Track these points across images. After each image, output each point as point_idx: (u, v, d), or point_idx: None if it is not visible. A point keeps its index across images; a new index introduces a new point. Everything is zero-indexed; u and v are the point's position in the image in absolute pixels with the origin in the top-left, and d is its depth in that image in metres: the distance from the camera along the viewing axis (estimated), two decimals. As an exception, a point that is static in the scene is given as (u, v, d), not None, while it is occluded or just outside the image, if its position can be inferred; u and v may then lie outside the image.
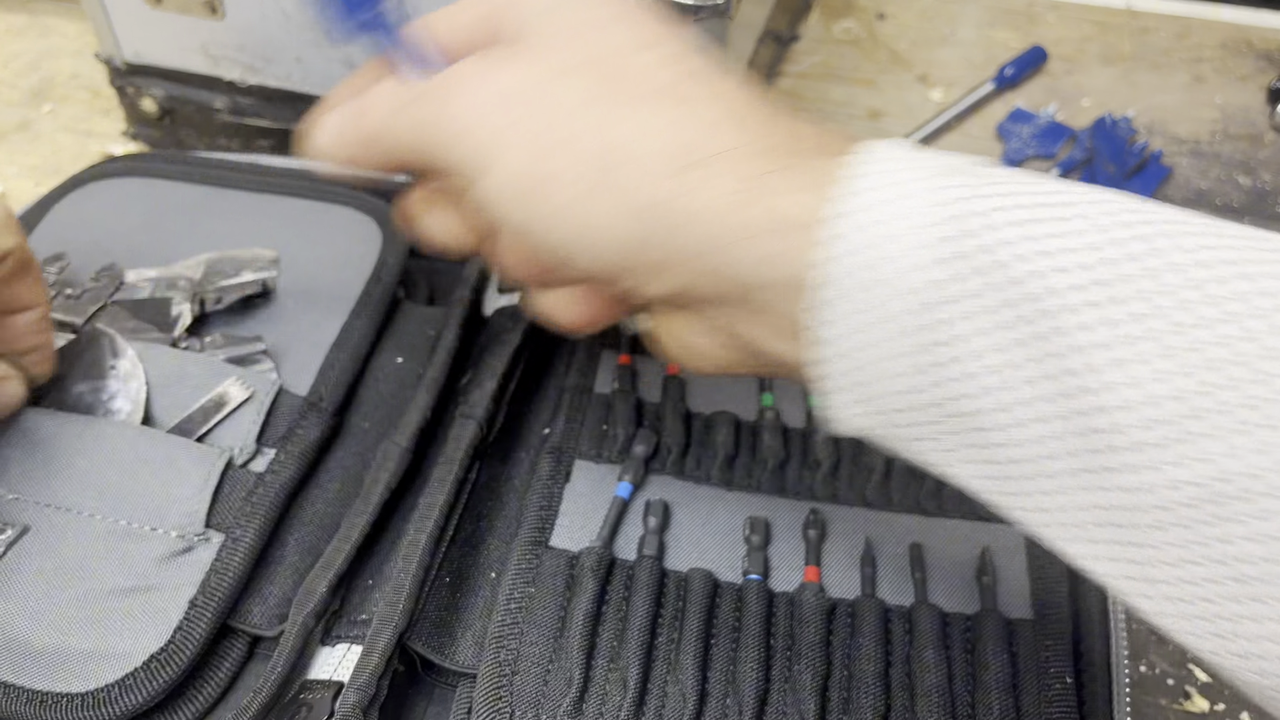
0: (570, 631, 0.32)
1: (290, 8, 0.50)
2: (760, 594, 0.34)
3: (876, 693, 0.31)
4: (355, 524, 0.35)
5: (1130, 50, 0.67)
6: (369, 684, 0.31)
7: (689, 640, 0.32)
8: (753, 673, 0.32)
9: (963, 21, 0.70)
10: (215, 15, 0.52)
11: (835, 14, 0.71)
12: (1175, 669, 0.40)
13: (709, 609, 0.33)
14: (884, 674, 0.32)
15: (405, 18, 0.31)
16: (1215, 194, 0.59)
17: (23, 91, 0.66)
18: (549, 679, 0.32)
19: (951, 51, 0.68)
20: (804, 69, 0.67)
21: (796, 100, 0.65)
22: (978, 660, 0.32)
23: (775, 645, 0.33)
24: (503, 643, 0.33)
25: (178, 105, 0.57)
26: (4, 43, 0.69)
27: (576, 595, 0.33)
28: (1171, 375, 0.21)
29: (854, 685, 0.32)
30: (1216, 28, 0.69)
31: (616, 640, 0.33)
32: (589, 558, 0.34)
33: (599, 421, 0.39)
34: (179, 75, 0.55)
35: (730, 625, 0.33)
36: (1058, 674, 0.32)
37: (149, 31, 0.54)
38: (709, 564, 0.35)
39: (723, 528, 0.36)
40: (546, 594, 0.34)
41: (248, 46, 0.53)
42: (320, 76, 0.53)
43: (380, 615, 0.33)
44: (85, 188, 0.46)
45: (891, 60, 0.67)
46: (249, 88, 0.55)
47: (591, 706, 0.31)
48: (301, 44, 0.52)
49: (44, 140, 0.63)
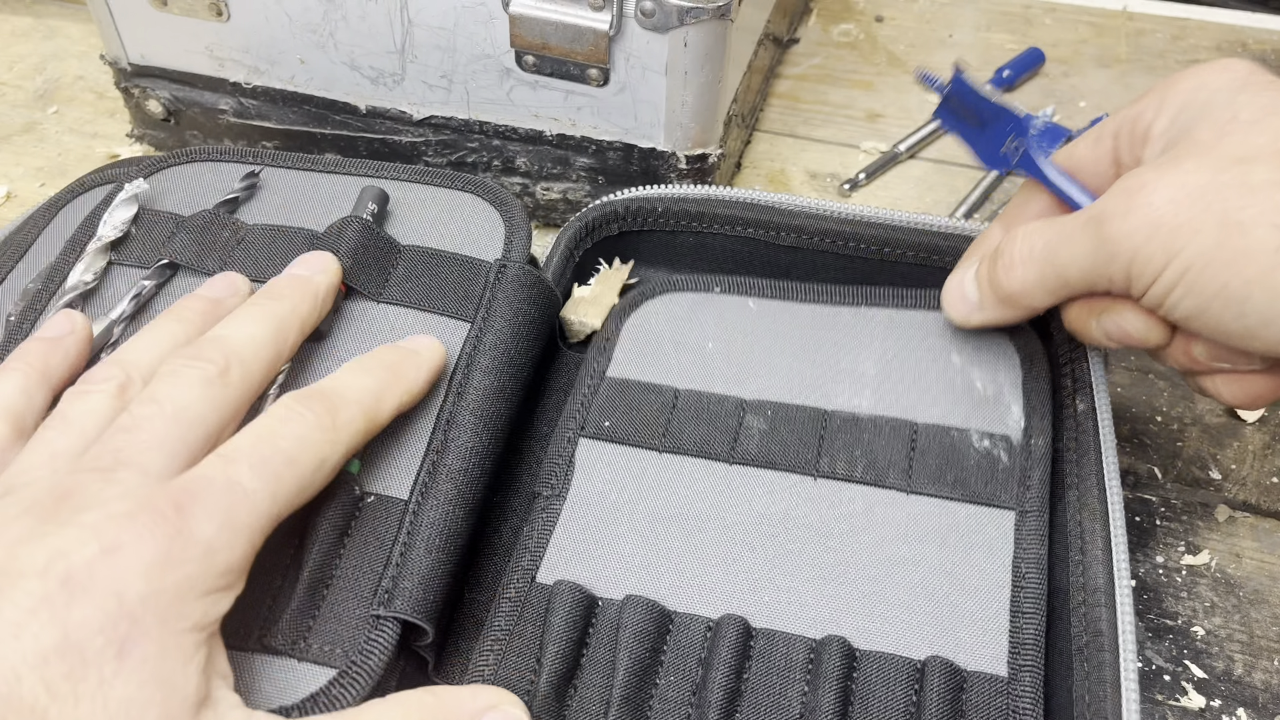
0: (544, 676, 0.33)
1: (294, 10, 0.51)
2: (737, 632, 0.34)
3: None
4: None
5: (1126, 52, 0.68)
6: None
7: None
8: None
9: (960, 24, 0.70)
10: (220, 18, 0.52)
11: (834, 17, 0.71)
12: (1171, 665, 0.41)
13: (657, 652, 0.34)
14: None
15: (1047, 151, 0.39)
16: (1211, 195, 0.60)
17: (28, 93, 0.66)
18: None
19: (949, 54, 0.68)
20: (802, 71, 0.67)
21: (796, 102, 0.65)
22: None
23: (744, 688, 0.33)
24: (480, 674, 0.34)
25: (183, 107, 0.57)
26: (9, 45, 0.70)
27: (548, 638, 0.34)
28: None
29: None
30: (1212, 29, 0.69)
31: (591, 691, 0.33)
32: (565, 596, 0.35)
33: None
34: (184, 77, 0.56)
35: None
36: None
37: (154, 34, 0.54)
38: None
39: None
40: (528, 630, 0.34)
41: (252, 49, 0.53)
42: (324, 78, 0.54)
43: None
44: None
45: (890, 63, 0.68)
46: (254, 89, 0.55)
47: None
48: (305, 46, 0.52)
49: (50, 142, 0.63)
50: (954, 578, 0.35)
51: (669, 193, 0.47)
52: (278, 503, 0.30)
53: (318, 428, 0.31)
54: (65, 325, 0.36)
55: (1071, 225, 0.34)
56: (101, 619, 0.25)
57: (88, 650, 0.25)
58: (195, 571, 0.27)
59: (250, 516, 0.29)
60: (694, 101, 0.49)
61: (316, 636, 0.32)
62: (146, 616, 0.26)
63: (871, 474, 0.37)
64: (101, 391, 0.32)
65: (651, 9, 0.46)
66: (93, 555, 0.26)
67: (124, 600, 0.26)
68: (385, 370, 0.35)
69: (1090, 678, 0.32)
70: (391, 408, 0.34)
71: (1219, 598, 0.42)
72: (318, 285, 0.37)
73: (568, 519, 0.37)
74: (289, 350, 0.35)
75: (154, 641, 0.26)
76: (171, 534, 0.27)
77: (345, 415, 0.32)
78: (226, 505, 0.28)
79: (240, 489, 0.29)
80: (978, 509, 0.37)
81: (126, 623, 0.26)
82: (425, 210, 0.44)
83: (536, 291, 0.41)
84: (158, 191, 0.45)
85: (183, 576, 0.27)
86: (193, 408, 0.31)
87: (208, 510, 0.28)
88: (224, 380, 0.32)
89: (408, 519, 0.34)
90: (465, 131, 0.54)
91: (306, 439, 0.31)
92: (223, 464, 0.29)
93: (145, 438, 0.30)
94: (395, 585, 0.33)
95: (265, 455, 0.30)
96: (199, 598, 0.27)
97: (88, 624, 0.25)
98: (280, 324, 0.35)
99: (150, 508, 0.27)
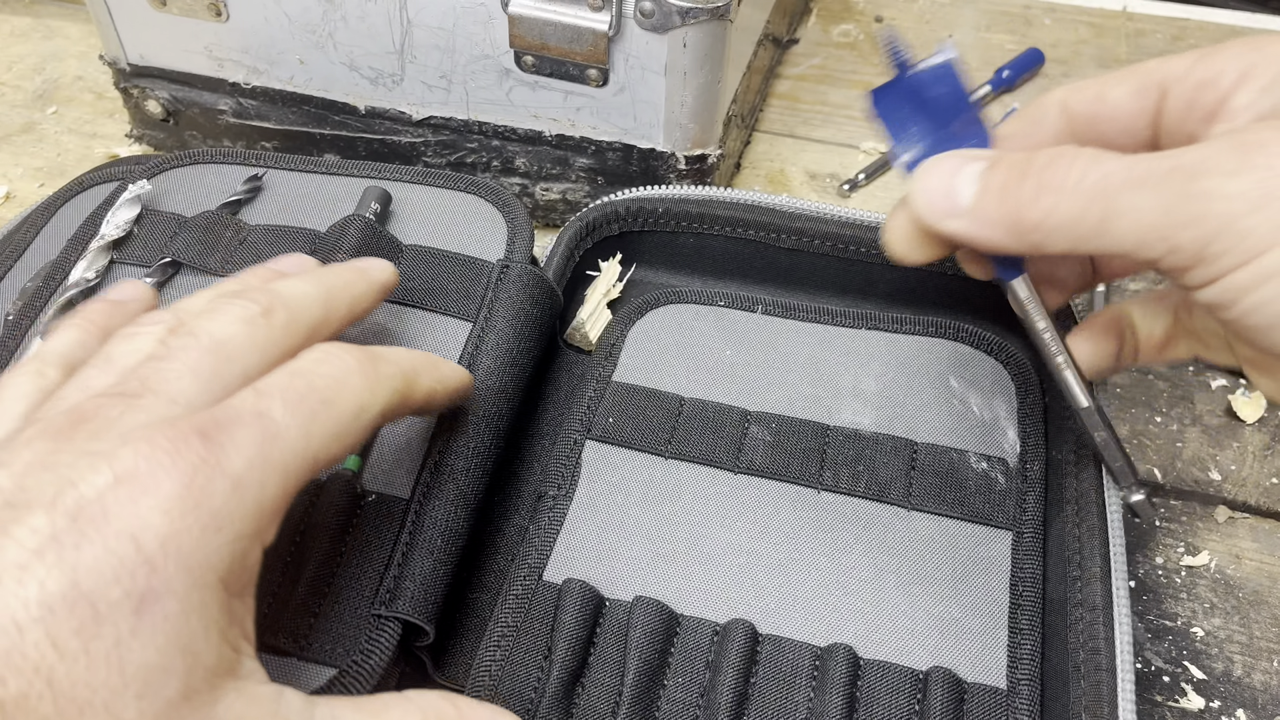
0: (551, 675, 0.33)
1: (293, 10, 0.51)
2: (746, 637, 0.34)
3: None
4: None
5: (1126, 53, 0.68)
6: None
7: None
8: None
9: (960, 24, 0.70)
10: (219, 18, 0.52)
11: (834, 17, 0.71)
12: (1170, 666, 0.41)
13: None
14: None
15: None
16: (1210, 196, 0.60)
17: (27, 94, 0.66)
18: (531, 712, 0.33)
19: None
20: (802, 71, 0.67)
21: (795, 103, 0.65)
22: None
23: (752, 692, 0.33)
24: (488, 670, 0.34)
25: (182, 107, 0.57)
26: (9, 45, 0.69)
27: (559, 635, 0.34)
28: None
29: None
30: (1211, 30, 0.69)
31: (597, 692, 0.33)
32: (574, 594, 0.35)
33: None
34: (183, 77, 0.56)
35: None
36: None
37: (153, 34, 0.54)
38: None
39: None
40: (535, 627, 0.34)
41: (251, 49, 0.53)
42: (323, 78, 0.54)
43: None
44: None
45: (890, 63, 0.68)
46: (253, 90, 0.55)
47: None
48: (304, 46, 0.52)
49: (49, 142, 0.63)
50: (954, 592, 0.35)
51: (669, 193, 0.47)
52: (312, 443, 0.27)
53: (358, 373, 0.29)
54: (131, 291, 0.35)
55: (1147, 167, 0.27)
56: (116, 565, 0.22)
57: (101, 602, 0.22)
58: (223, 509, 0.24)
59: (283, 454, 0.26)
60: (693, 102, 0.49)
61: (317, 636, 0.32)
62: (168, 564, 0.23)
63: (873, 489, 0.38)
64: (148, 334, 0.29)
65: (651, 9, 0.46)
66: (105, 485, 0.23)
67: (141, 543, 0.23)
68: (424, 357, 0.33)
69: (1087, 695, 0.32)
70: (425, 389, 0.32)
71: (1218, 599, 0.42)
72: (374, 275, 0.35)
73: (574, 519, 0.37)
74: (336, 320, 0.33)
75: (177, 597, 0.23)
76: (196, 463, 0.24)
77: (386, 370, 0.30)
78: (258, 438, 0.26)
79: (273, 423, 0.26)
80: (976, 527, 0.37)
81: (145, 570, 0.23)
82: (428, 211, 0.44)
83: (538, 292, 0.41)
84: (160, 192, 0.45)
85: (208, 515, 0.24)
86: (231, 342, 0.28)
87: (237, 442, 0.25)
88: (267, 320, 0.29)
89: (409, 518, 0.34)
90: (464, 132, 0.54)
91: (345, 382, 0.28)
92: (255, 396, 0.27)
93: (177, 366, 0.27)
94: (397, 585, 0.33)
95: (301, 391, 0.27)
96: (228, 543, 0.24)
97: (100, 570, 0.22)
98: (330, 290, 0.33)
99: (173, 434, 0.24)
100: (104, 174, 0.47)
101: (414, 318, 0.40)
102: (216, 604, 0.24)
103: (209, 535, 0.24)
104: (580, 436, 0.40)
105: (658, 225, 0.47)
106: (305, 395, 0.27)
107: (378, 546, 0.34)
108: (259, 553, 0.26)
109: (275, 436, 0.26)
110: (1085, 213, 0.27)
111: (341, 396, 0.28)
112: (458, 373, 0.35)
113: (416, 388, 0.32)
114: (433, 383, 0.33)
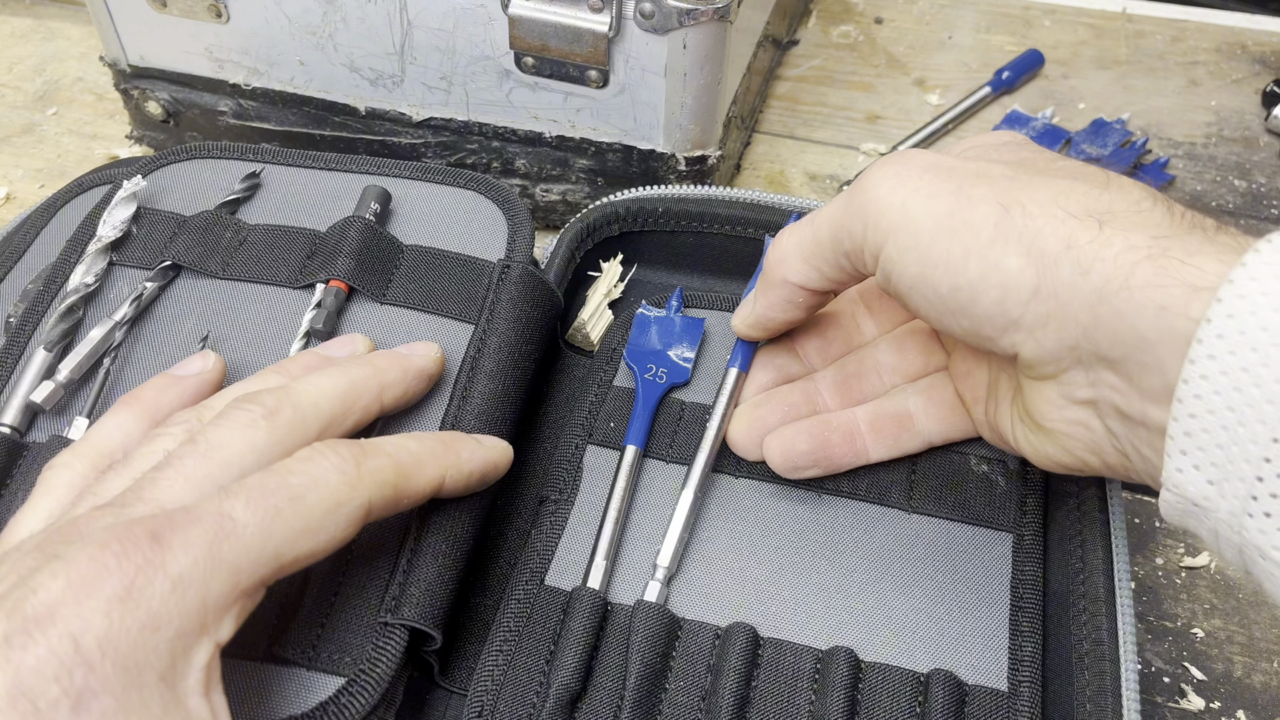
0: (554, 678, 0.33)
1: (293, 12, 0.51)
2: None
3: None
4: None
5: (1125, 54, 0.68)
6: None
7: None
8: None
9: (960, 26, 0.70)
10: (219, 19, 0.52)
11: (833, 18, 0.71)
12: (1171, 667, 0.41)
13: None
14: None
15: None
16: (1211, 196, 0.60)
17: (28, 95, 0.66)
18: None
19: (948, 55, 0.68)
20: (802, 72, 0.67)
21: (795, 104, 0.65)
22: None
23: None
24: (490, 675, 0.34)
25: (182, 108, 0.57)
26: (9, 46, 0.70)
27: (565, 642, 0.34)
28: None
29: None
30: (1211, 31, 0.69)
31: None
32: (581, 601, 0.35)
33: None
34: (184, 79, 0.56)
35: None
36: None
37: (154, 35, 0.54)
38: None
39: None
40: (537, 631, 0.34)
41: (251, 50, 0.53)
42: (323, 80, 0.54)
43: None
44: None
45: (889, 64, 0.68)
46: (253, 91, 0.55)
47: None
48: (304, 47, 0.52)
49: (49, 143, 0.63)
50: (955, 595, 0.35)
51: (669, 193, 0.47)
52: (272, 539, 0.28)
53: (337, 470, 0.30)
54: (197, 365, 0.36)
55: (832, 200, 0.35)
56: (56, 665, 0.23)
57: (40, 700, 0.23)
58: (161, 609, 0.25)
59: (235, 552, 0.27)
60: (693, 103, 0.49)
61: (325, 645, 0.32)
62: (105, 664, 0.24)
63: (874, 492, 0.38)
64: (170, 435, 0.32)
65: (651, 10, 0.46)
66: (59, 590, 0.24)
67: (81, 644, 0.24)
68: (436, 441, 0.34)
69: (1091, 686, 0.32)
70: (432, 478, 0.33)
71: (1218, 599, 0.42)
72: (411, 362, 0.36)
73: (576, 524, 0.37)
74: (360, 411, 0.34)
75: (114, 694, 0.24)
76: (140, 564, 0.25)
77: (372, 464, 0.31)
78: (210, 537, 0.26)
79: (230, 522, 0.27)
80: (976, 530, 0.37)
81: (83, 670, 0.24)
82: (428, 208, 0.44)
83: (539, 293, 0.41)
84: (157, 190, 0.45)
85: (146, 614, 0.25)
86: (227, 447, 0.30)
87: (187, 541, 0.26)
88: (270, 423, 0.31)
89: (414, 525, 0.34)
90: (465, 133, 0.54)
91: (321, 479, 0.29)
92: (221, 496, 0.28)
93: (171, 474, 0.29)
94: (403, 592, 0.33)
95: (269, 489, 0.28)
96: (167, 641, 0.25)
97: (42, 670, 0.23)
98: (353, 383, 0.34)
99: (125, 536, 0.25)
100: (104, 175, 0.47)
101: (414, 320, 0.40)
102: (157, 700, 0.25)
103: (146, 634, 0.25)
104: (581, 441, 0.40)
105: (658, 225, 0.47)
106: (273, 492, 0.28)
107: (383, 554, 0.34)
108: (209, 649, 0.26)
109: (229, 535, 0.27)
110: (800, 237, 0.35)
111: (314, 493, 0.29)
112: (484, 455, 0.35)
113: (414, 479, 0.32)
114: (442, 470, 0.33)
